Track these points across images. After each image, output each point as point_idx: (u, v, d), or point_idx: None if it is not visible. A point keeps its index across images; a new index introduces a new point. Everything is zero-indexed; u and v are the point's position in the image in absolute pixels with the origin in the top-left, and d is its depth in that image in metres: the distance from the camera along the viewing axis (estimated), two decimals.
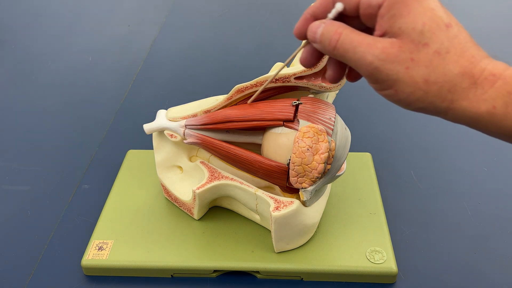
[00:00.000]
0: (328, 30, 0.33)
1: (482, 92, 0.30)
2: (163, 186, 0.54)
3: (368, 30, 0.33)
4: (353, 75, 0.37)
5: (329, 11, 0.34)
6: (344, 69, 0.37)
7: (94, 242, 0.50)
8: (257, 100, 0.47)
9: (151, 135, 0.53)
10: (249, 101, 0.47)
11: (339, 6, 0.33)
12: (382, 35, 0.32)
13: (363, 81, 0.78)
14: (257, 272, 0.48)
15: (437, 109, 0.31)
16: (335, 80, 0.37)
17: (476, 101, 0.30)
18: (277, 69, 0.45)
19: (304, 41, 0.37)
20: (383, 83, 0.32)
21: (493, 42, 0.90)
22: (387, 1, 0.31)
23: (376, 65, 0.31)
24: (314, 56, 0.37)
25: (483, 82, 0.30)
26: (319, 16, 0.35)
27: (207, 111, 0.49)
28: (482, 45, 0.33)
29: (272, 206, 0.46)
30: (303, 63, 0.37)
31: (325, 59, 0.43)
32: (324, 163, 0.41)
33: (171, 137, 0.51)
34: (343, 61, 0.33)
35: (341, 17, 0.34)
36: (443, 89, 0.30)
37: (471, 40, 0.32)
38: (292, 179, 0.43)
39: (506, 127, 0.30)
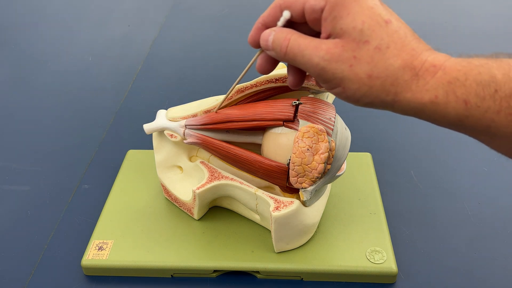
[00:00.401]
0: (278, 37, 0.35)
1: (424, 83, 0.31)
2: (163, 186, 0.54)
3: (318, 34, 0.34)
4: (313, 79, 0.39)
5: (278, 19, 0.36)
6: (303, 74, 0.38)
7: (94, 242, 0.50)
8: (257, 100, 0.47)
9: (151, 135, 0.53)
10: (215, 110, 0.47)
11: (286, 14, 0.35)
12: (327, 37, 0.33)
13: None
14: (257, 272, 0.48)
15: (383, 103, 0.32)
16: (296, 85, 0.39)
17: (419, 92, 0.31)
18: (277, 69, 0.45)
19: (259, 49, 0.38)
20: (331, 82, 0.33)
21: (493, 41, 0.90)
22: (328, 4, 0.32)
23: (322, 65, 0.32)
24: (269, 63, 0.38)
25: (425, 74, 0.31)
26: (270, 24, 0.36)
27: (207, 111, 0.49)
28: (482, 45, 0.33)
29: (272, 206, 0.46)
30: (260, 70, 0.39)
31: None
32: (324, 163, 0.41)
33: (171, 137, 0.51)
34: (294, 65, 0.35)
35: (291, 24, 0.36)
36: (386, 83, 0.31)
37: (412, 34, 0.33)
38: (292, 179, 0.43)
39: (449, 115, 0.31)
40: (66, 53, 0.90)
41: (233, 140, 0.49)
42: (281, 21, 0.35)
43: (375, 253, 0.48)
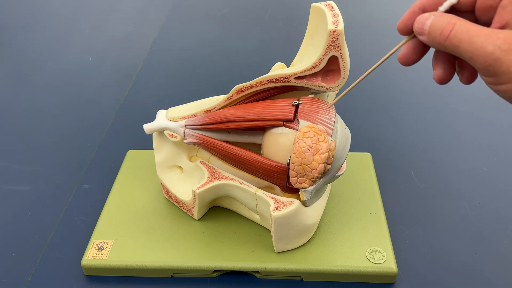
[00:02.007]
0: (439, 20, 0.31)
1: None
2: (163, 186, 0.54)
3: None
4: (467, 75, 0.35)
5: (439, 4, 0.32)
6: (454, 67, 0.35)
7: (94, 242, 0.50)
8: (257, 100, 0.47)
9: (151, 135, 0.53)
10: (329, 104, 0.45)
11: None
12: (502, 27, 0.30)
13: (362, 82, 0.78)
14: (257, 272, 0.48)
15: None
16: (445, 80, 0.35)
17: None
18: (277, 69, 0.45)
19: (407, 37, 0.35)
20: (502, 76, 0.29)
21: None
22: None
23: (498, 55, 0.29)
24: (416, 53, 0.35)
25: None
26: (429, 9, 0.33)
27: (207, 111, 0.49)
28: None
29: (272, 206, 0.46)
30: (403, 59, 0.35)
31: (325, 59, 0.43)
32: (324, 163, 0.41)
33: (171, 137, 0.51)
34: (454, 53, 0.31)
35: (451, 12, 0.33)
36: None
37: None
38: (292, 179, 0.43)
39: None
40: (66, 53, 0.90)
41: (233, 140, 0.49)
42: (444, 6, 0.32)
43: (375, 253, 0.48)
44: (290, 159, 0.43)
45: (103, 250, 0.49)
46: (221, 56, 0.88)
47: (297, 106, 0.44)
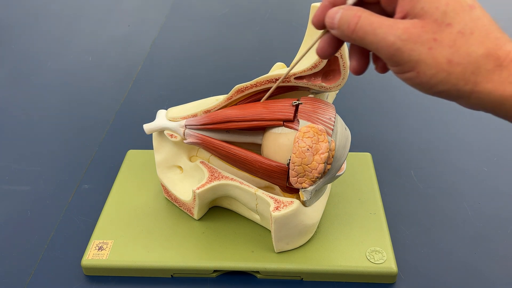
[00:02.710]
0: (346, 14, 0.32)
1: (508, 74, 0.29)
2: (163, 186, 0.54)
3: (388, 17, 0.33)
4: (381, 65, 0.36)
5: None
6: (368, 58, 0.36)
7: (94, 242, 0.50)
8: (257, 100, 0.47)
9: (151, 135, 0.53)
10: (262, 100, 0.46)
11: None
12: (403, 17, 0.31)
13: (362, 82, 0.78)
14: (257, 272, 0.48)
15: (459, 93, 0.30)
16: (359, 71, 0.36)
17: (501, 84, 0.29)
18: (277, 69, 0.45)
19: (322, 31, 0.36)
20: (404, 65, 0.31)
21: None
22: None
23: (398, 45, 0.30)
24: (331, 46, 0.36)
25: (509, 65, 0.29)
26: (338, 3, 0.34)
27: (207, 111, 0.49)
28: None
29: (272, 206, 0.46)
30: (320, 53, 0.36)
31: (325, 60, 0.43)
32: (324, 163, 0.41)
33: (171, 137, 0.51)
34: (362, 45, 0.33)
35: (361, 5, 0.34)
36: (467, 71, 0.29)
37: (495, 23, 0.31)
38: (292, 179, 0.43)
39: None
40: (66, 53, 0.90)
41: (233, 140, 0.49)
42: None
43: (375, 253, 0.48)
44: (290, 159, 0.43)
45: (103, 250, 0.49)
46: (221, 56, 0.88)
47: (297, 106, 0.44)
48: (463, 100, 0.31)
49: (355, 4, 0.33)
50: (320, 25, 0.35)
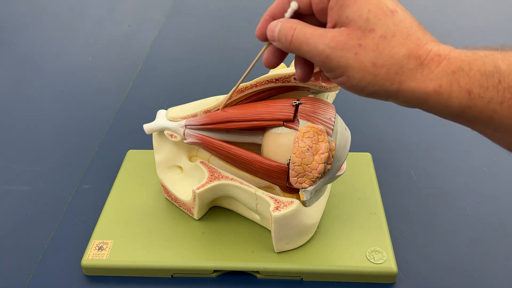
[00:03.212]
0: (284, 27, 0.35)
1: (429, 72, 0.31)
2: (163, 186, 0.54)
3: (325, 26, 0.35)
4: (323, 74, 0.38)
5: (286, 11, 0.36)
6: (311, 67, 0.38)
7: (94, 242, 0.50)
8: (257, 100, 0.47)
9: (151, 135, 0.53)
10: (220, 107, 0.47)
11: (293, 5, 0.35)
12: (333, 26, 0.33)
13: None
14: (257, 272, 0.48)
15: (388, 93, 0.32)
16: (304, 79, 0.38)
17: (423, 81, 0.31)
18: (277, 69, 0.45)
19: (266, 43, 0.38)
20: (335, 71, 0.33)
21: (494, 41, 0.90)
22: None
23: (327, 53, 0.32)
24: (276, 56, 0.38)
25: (429, 63, 0.31)
26: (277, 16, 0.37)
27: (207, 111, 0.49)
28: (482, 44, 0.33)
29: (272, 206, 0.46)
30: (266, 63, 0.38)
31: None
32: (324, 163, 0.41)
33: (171, 137, 0.51)
34: (299, 55, 0.35)
35: (299, 16, 0.36)
36: (391, 71, 0.31)
37: (418, 25, 0.33)
38: (292, 179, 0.43)
39: (452, 105, 0.31)
40: (66, 53, 0.90)
41: (233, 140, 0.49)
42: (288, 12, 0.36)
43: (375, 253, 0.48)
44: (290, 159, 0.43)
45: (103, 250, 0.49)
46: (221, 56, 0.88)
47: (297, 106, 0.44)
48: (393, 99, 0.33)
49: (292, 17, 0.36)
50: (263, 37, 0.37)
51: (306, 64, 0.38)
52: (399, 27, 0.32)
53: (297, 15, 0.36)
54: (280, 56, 0.38)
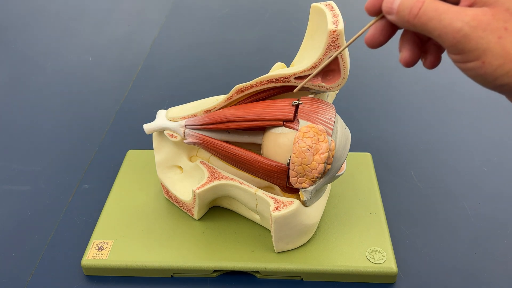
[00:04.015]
0: None
1: None
2: (163, 186, 0.54)
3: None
4: (430, 59, 0.35)
5: None
6: (419, 49, 0.35)
7: (94, 242, 0.50)
8: (257, 100, 0.47)
9: (151, 135, 0.53)
10: (295, 90, 0.45)
11: None
12: (471, 5, 0.30)
13: (362, 82, 0.78)
14: (257, 272, 0.48)
15: None
16: (411, 63, 0.35)
17: None
18: (277, 69, 0.45)
19: (375, 17, 0.34)
20: (470, 53, 0.29)
21: None
22: None
23: (466, 31, 0.29)
24: (383, 34, 0.34)
25: None
26: None
27: (207, 111, 0.49)
28: None
29: (272, 206, 0.46)
30: (370, 41, 0.35)
31: (325, 58, 0.43)
32: (324, 163, 0.41)
33: (171, 137, 0.51)
34: (423, 31, 0.31)
35: None
36: None
37: None
38: (292, 179, 0.43)
39: None
40: (66, 53, 0.90)
41: (233, 140, 0.49)
42: None
43: (375, 253, 0.48)
44: (290, 159, 0.43)
45: (103, 250, 0.49)
46: (221, 56, 0.88)
47: (297, 106, 0.44)
48: None
49: None
50: (375, 10, 0.34)
51: (416, 46, 0.34)
52: None
53: None
54: (388, 34, 0.34)
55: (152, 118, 0.52)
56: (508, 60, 0.28)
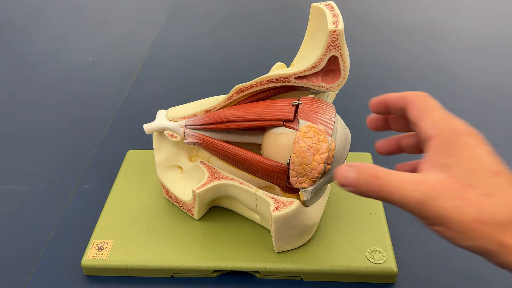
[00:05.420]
0: (363, 174, 0.33)
1: None
2: (163, 186, 0.54)
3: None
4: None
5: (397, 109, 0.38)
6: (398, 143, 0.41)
7: (94, 242, 0.50)
8: (257, 100, 0.47)
9: (151, 135, 0.53)
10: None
11: None
12: (428, 168, 0.33)
13: (362, 82, 0.78)
14: (257, 272, 0.48)
15: (486, 250, 0.31)
16: (388, 153, 0.43)
17: None
18: (277, 69, 0.45)
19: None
20: (432, 219, 0.32)
21: (493, 42, 0.90)
22: (438, 138, 0.33)
23: (427, 202, 0.31)
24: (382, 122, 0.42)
25: None
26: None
27: (207, 111, 0.49)
28: (482, 45, 0.32)
29: (272, 206, 0.46)
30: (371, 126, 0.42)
31: (325, 59, 0.43)
32: (324, 163, 0.41)
33: (171, 137, 0.51)
34: (384, 201, 0.33)
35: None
36: (493, 231, 0.30)
37: None
38: (292, 179, 0.43)
39: None
40: (66, 53, 0.90)
41: (233, 140, 0.49)
42: None
43: (375, 253, 0.48)
44: (290, 159, 0.43)
45: (103, 250, 0.49)
46: (221, 56, 0.88)
47: (297, 106, 0.44)
48: (490, 257, 0.31)
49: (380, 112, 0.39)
50: (374, 125, 0.42)
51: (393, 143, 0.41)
52: (501, 188, 0.31)
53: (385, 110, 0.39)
54: (387, 124, 0.41)
55: (152, 118, 0.52)
56: (467, 228, 0.30)
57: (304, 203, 0.46)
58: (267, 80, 0.46)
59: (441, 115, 0.35)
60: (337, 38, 0.41)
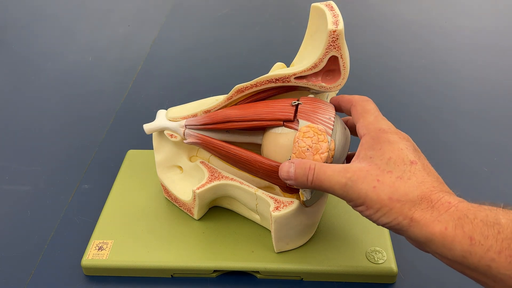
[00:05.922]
0: (302, 168, 0.40)
1: (438, 214, 0.34)
2: (163, 186, 0.54)
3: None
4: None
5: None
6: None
7: (94, 242, 0.50)
8: (257, 100, 0.47)
9: (151, 135, 0.53)
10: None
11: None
12: (355, 159, 0.39)
13: (362, 82, 0.78)
14: (257, 272, 0.48)
15: (399, 225, 0.35)
16: None
17: (432, 221, 0.34)
18: (277, 69, 0.45)
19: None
20: (356, 201, 0.37)
21: (493, 42, 0.90)
22: (368, 135, 0.39)
23: (350, 185, 0.37)
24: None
25: (440, 207, 0.34)
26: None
27: (207, 111, 0.49)
28: (482, 45, 0.33)
29: (272, 206, 0.46)
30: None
31: (325, 59, 0.43)
32: (324, 163, 0.41)
33: (171, 137, 0.51)
34: (319, 189, 0.39)
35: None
36: (405, 207, 0.35)
37: (437, 178, 0.37)
38: None
39: (455, 249, 0.33)
40: (66, 53, 0.90)
41: (233, 140, 0.49)
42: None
43: (375, 253, 0.48)
44: (290, 159, 0.43)
45: (103, 250, 0.49)
46: (221, 56, 0.88)
47: (297, 106, 0.44)
48: (403, 233, 0.36)
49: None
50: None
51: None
52: (415, 173, 0.36)
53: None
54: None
55: (152, 118, 0.52)
56: (383, 205, 0.35)
57: (304, 203, 0.46)
58: (267, 80, 0.46)
59: (373, 118, 0.41)
60: (337, 38, 0.41)
